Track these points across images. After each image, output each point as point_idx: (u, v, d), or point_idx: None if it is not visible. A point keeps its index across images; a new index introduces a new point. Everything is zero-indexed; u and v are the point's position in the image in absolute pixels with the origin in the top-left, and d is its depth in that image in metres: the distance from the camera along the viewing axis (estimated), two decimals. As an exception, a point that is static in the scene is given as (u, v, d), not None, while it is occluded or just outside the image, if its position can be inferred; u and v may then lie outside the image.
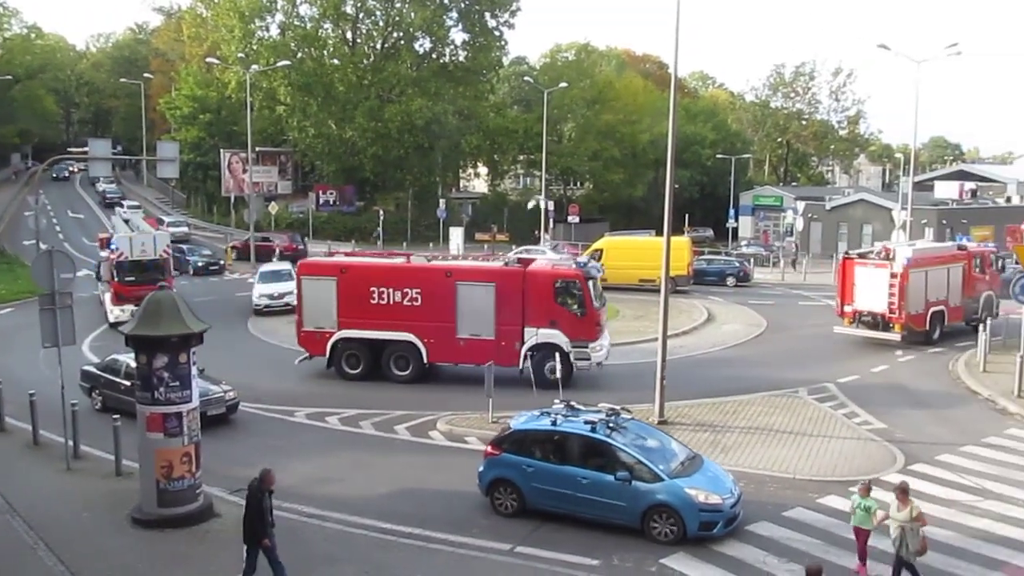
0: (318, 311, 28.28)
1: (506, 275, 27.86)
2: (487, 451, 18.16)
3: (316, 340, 28.60)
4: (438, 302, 27.44)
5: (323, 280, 28.34)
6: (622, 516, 16.54)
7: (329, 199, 79.52)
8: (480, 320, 27.28)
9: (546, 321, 27.11)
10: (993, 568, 15.40)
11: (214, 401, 23.53)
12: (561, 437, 17.50)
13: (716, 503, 16.24)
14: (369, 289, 27.72)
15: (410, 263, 29.20)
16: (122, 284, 37.14)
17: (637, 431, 17.92)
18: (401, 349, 27.98)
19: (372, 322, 27.78)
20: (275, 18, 77.70)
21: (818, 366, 30.63)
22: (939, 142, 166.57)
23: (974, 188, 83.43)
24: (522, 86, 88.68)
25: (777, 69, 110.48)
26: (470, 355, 27.42)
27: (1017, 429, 23.43)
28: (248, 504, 14.07)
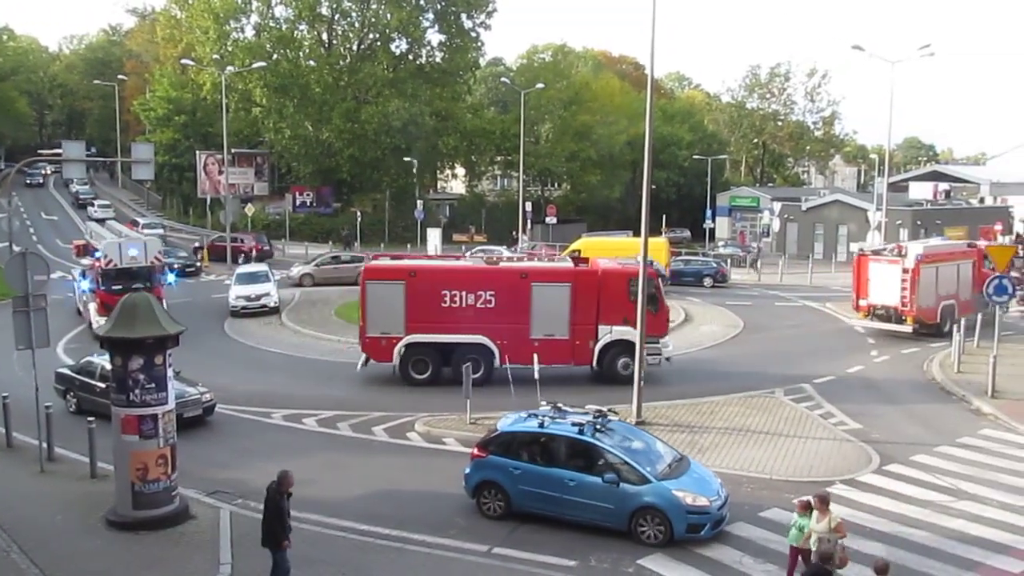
0: (384, 316, 27.66)
1: (581, 275, 28.43)
2: (473, 453, 18.09)
3: (381, 346, 28.06)
4: (512, 303, 27.56)
5: (390, 285, 27.73)
6: (609, 518, 16.52)
7: (306, 200, 79.21)
8: (554, 320, 27.57)
9: (620, 319, 27.42)
10: (968, 568, 15.53)
11: (190, 403, 23.37)
12: (548, 439, 17.46)
13: (703, 505, 16.25)
14: (440, 292, 27.51)
15: (485, 266, 29.55)
16: (108, 293, 34.26)
17: (624, 433, 17.94)
18: (473, 352, 27.46)
19: (443, 326, 27.49)
20: (250, 19, 77.33)
21: (794, 367, 30.80)
22: (913, 143, 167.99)
23: (948, 189, 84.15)
24: (499, 87, 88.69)
25: (753, 70, 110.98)
26: (545, 355, 27.33)
27: (991, 429, 23.65)
28: (267, 507, 13.99)
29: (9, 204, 57.61)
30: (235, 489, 18.91)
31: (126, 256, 35.80)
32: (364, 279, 28.15)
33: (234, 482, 19.40)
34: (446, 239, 66.02)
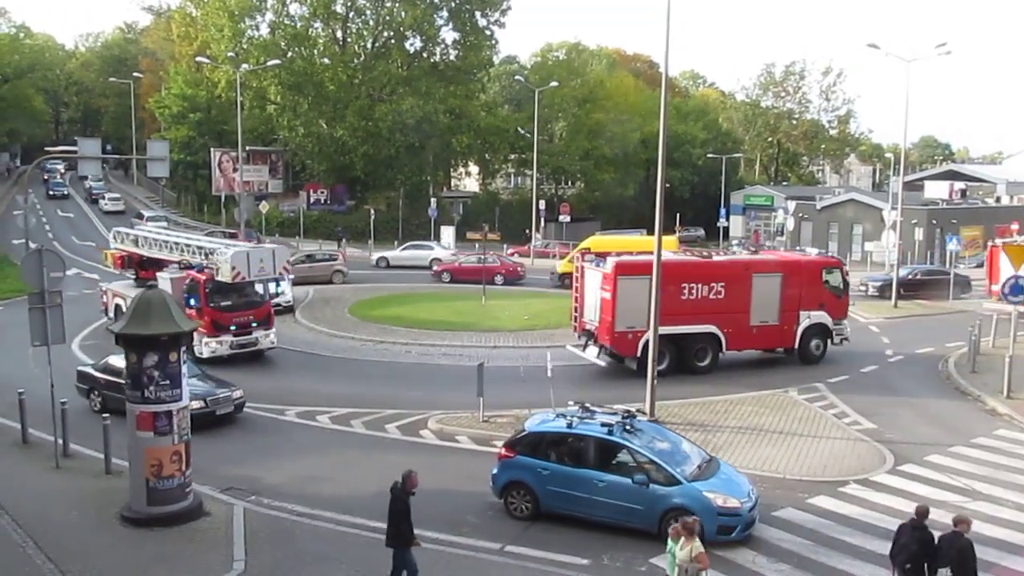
0: (632, 311, 27.89)
1: (789, 265, 31.32)
2: (501, 453, 18.03)
3: (628, 340, 28.51)
4: (737, 294, 29.52)
5: (638, 279, 27.67)
6: (639, 520, 16.42)
7: (320, 198, 79.42)
8: (769, 308, 30.05)
9: (816, 304, 30.65)
10: (983, 569, 15.30)
11: (223, 400, 23.67)
12: (577, 439, 17.37)
13: (734, 507, 16.14)
14: (681, 286, 28.70)
15: (714, 259, 31.42)
16: (219, 311, 30.65)
17: (653, 433, 17.86)
18: (703, 341, 29.31)
19: (680, 317, 28.12)
20: (265, 17, 77.53)
21: (808, 366, 30.68)
22: (929, 142, 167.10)
23: (964, 188, 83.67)
24: (513, 85, 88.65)
25: (767, 68, 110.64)
26: (760, 340, 30.70)
27: (1006, 429, 23.54)
28: (394, 507, 13.97)
29: (26, 201, 57.94)
30: (249, 486, 18.98)
31: (255, 267, 30.46)
32: (616, 275, 28.44)
33: (248, 479, 19.47)
34: (459, 237, 66.17)
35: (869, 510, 17.98)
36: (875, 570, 15.32)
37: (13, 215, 71.77)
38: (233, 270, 29.69)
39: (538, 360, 28.13)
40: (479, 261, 50.81)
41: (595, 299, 29.45)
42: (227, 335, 30.54)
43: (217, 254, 30.47)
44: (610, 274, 28.55)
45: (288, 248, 38.66)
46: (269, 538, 16.07)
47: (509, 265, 52.89)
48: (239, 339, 30.90)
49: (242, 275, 29.94)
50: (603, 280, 28.91)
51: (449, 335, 35.48)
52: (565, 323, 37.82)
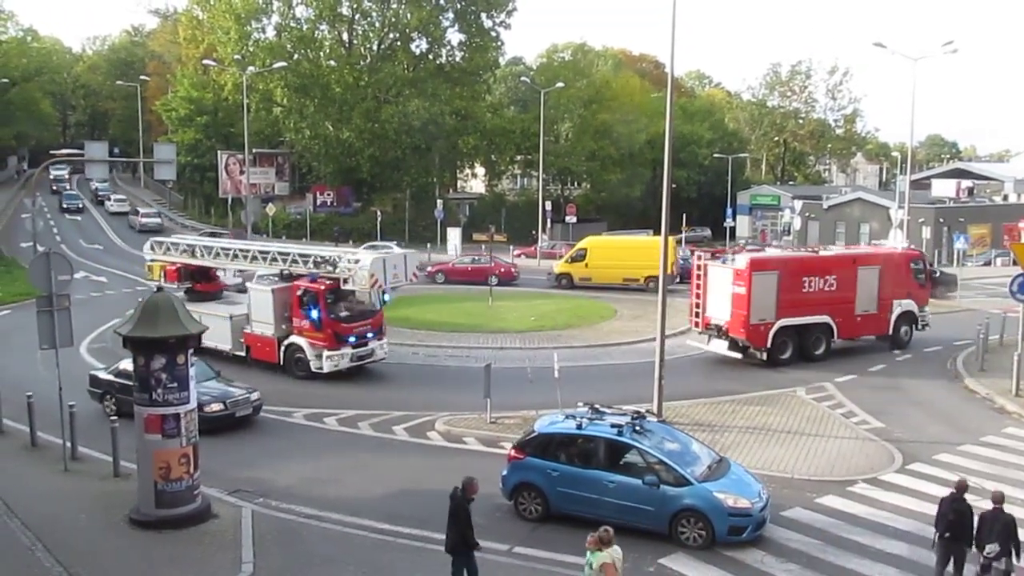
0: (763, 304, 29.90)
1: (886, 257, 33.67)
2: (511, 455, 17.99)
3: (759, 332, 30.14)
4: (846, 286, 31.38)
5: (769, 275, 30.07)
6: (649, 521, 16.38)
7: (327, 200, 79.55)
8: (870, 297, 32.05)
9: (905, 293, 32.95)
10: (991, 567, 15.39)
11: (241, 402, 23.79)
12: (586, 440, 17.34)
13: (745, 507, 16.10)
14: (802, 279, 30.63)
15: (828, 254, 33.20)
16: (339, 321, 28.86)
17: (663, 434, 17.83)
18: (819, 331, 31.26)
19: (801, 309, 30.55)
20: (271, 20, 77.75)
21: (816, 365, 30.60)
22: (936, 140, 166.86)
23: (971, 186, 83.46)
24: (519, 86, 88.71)
25: (774, 68, 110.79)
26: (863, 328, 32.65)
27: (1015, 428, 23.46)
28: (456, 513, 13.95)
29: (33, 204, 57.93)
30: (257, 488, 19.00)
31: (390, 274, 29.00)
32: (750, 271, 29.86)
33: (256, 481, 19.50)
34: (466, 239, 66.19)
35: (878, 509, 17.94)
36: (884, 569, 15.29)
37: (21, 218, 71.97)
38: (371, 277, 28.12)
39: (545, 361, 28.12)
40: (473, 262, 50.71)
41: (724, 295, 30.50)
42: (347, 347, 28.87)
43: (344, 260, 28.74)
44: (744, 270, 29.90)
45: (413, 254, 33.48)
46: (277, 540, 16.08)
47: (503, 265, 52.51)
48: (357, 351, 29.19)
49: (380, 283, 28.53)
50: (735, 276, 30.09)
51: (456, 336, 35.47)
52: (573, 324, 37.98)
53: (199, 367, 24.38)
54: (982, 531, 13.85)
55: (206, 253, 32.50)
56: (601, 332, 37.10)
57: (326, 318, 28.48)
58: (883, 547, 16.11)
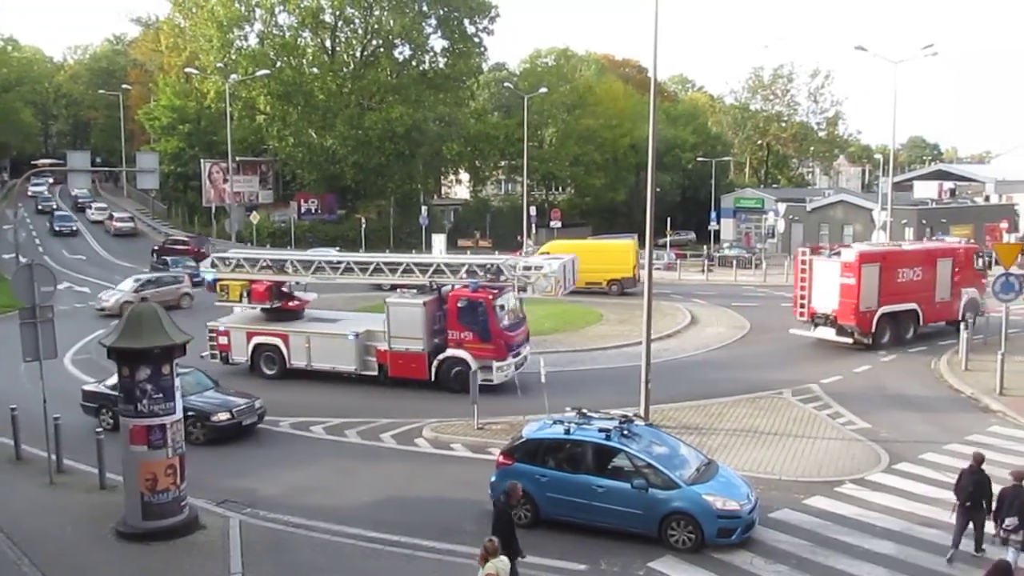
0: (869, 293, 32.94)
1: (957, 251, 36.87)
2: (499, 461, 17.96)
3: (866, 319, 33.03)
4: (929, 276, 34.48)
5: (873, 267, 33.18)
6: (639, 524, 16.41)
7: (311, 208, 79.39)
8: (945, 287, 34.99)
9: (970, 283, 36.14)
10: (977, 566, 15.46)
11: (247, 411, 23.83)
12: (575, 445, 17.34)
13: (734, 509, 16.14)
14: (897, 271, 33.67)
15: (914, 248, 36.74)
16: (506, 331, 28.13)
17: (651, 438, 17.82)
18: (909, 317, 34.16)
19: (897, 297, 33.42)
20: (253, 27, 77.59)
21: (801, 367, 30.78)
22: (917, 142, 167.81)
23: (953, 188, 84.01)
24: (502, 92, 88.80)
25: (756, 72, 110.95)
26: (940, 315, 35.33)
27: (1000, 427, 23.59)
28: (499, 521, 13.90)
29: (15, 216, 57.72)
30: (244, 498, 18.92)
31: (569, 280, 28.67)
32: (859, 263, 32.81)
33: (243, 491, 19.42)
34: (451, 245, 66.15)
35: (866, 509, 18.00)
36: (873, 568, 15.35)
37: (3, 229, 71.58)
38: (557, 284, 27.65)
39: (531, 366, 28.11)
40: None
41: (832, 286, 33.31)
42: (511, 357, 28.14)
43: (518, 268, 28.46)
44: (853, 263, 32.97)
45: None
46: (265, 550, 16.02)
47: None
48: (516, 359, 28.58)
49: (562, 288, 28.05)
50: (844, 269, 33.12)
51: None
52: (559, 328, 38.03)
53: (197, 377, 24.56)
54: (1002, 506, 14.72)
55: (301, 267, 30.34)
56: (587, 336, 37.15)
57: (495, 328, 27.55)
58: (871, 547, 16.18)
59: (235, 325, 31.02)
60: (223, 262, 31.13)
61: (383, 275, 29.50)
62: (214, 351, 30.85)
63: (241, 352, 30.53)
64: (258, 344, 30.27)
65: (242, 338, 30.55)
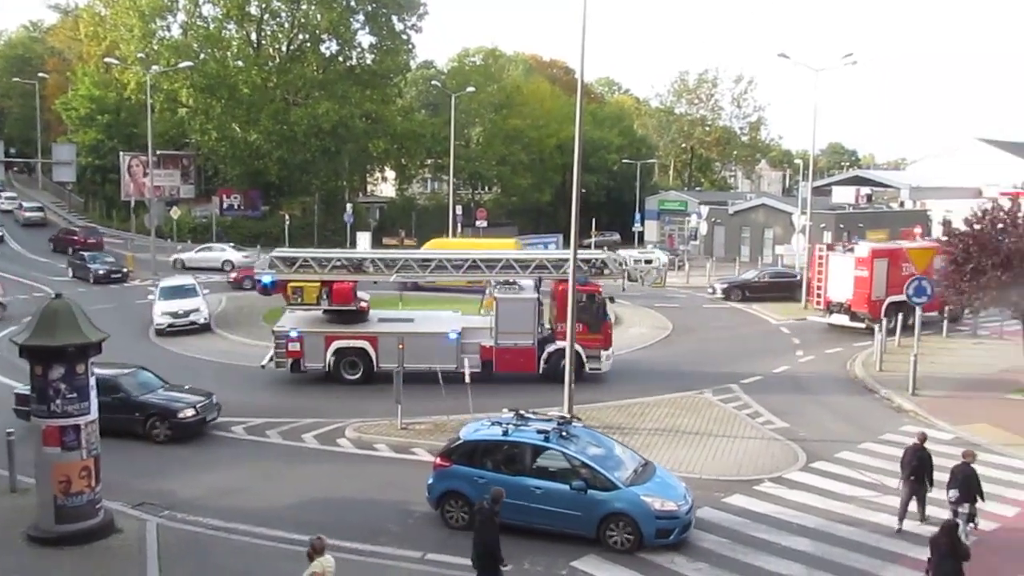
0: (879, 284, 36.66)
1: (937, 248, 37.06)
2: (436, 463, 17.81)
3: (877, 307, 36.33)
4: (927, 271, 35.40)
5: (883, 261, 37.11)
6: (577, 526, 16.45)
7: (233, 203, 77.93)
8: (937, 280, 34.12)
9: None
10: (892, 561, 15.93)
11: (210, 407, 23.89)
12: (513, 447, 17.32)
13: (672, 510, 16.28)
14: (901, 265, 36.92)
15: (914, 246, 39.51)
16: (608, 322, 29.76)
17: (588, 439, 17.88)
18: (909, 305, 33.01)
19: (900, 288, 33.15)
20: (177, 18, 75.84)
21: (723, 367, 31.26)
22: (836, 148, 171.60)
23: (869, 193, 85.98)
24: (430, 90, 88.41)
25: (681, 76, 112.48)
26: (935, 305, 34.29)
27: (912, 426, 24.22)
28: (484, 527, 13.74)
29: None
30: (162, 500, 18.54)
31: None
32: (872, 258, 37.12)
33: (161, 493, 19.03)
34: (376, 243, 65.69)
35: (784, 507, 18.38)
36: (790, 565, 15.67)
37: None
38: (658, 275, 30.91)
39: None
40: None
41: (846, 278, 37.29)
42: None
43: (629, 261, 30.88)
44: (867, 257, 37.26)
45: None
46: (184, 554, 15.72)
47: None
48: None
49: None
50: (858, 263, 37.30)
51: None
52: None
53: (144, 376, 24.31)
54: (951, 481, 16.26)
55: (384, 266, 29.26)
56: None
57: (603, 320, 28.90)
58: (789, 544, 16.52)
59: (310, 330, 29.15)
60: (284, 262, 28.90)
61: (479, 272, 29.20)
62: (281, 359, 28.99)
63: (318, 358, 28.79)
64: (340, 348, 28.91)
65: (319, 343, 28.91)
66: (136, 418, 22.95)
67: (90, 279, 50.58)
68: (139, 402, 23.20)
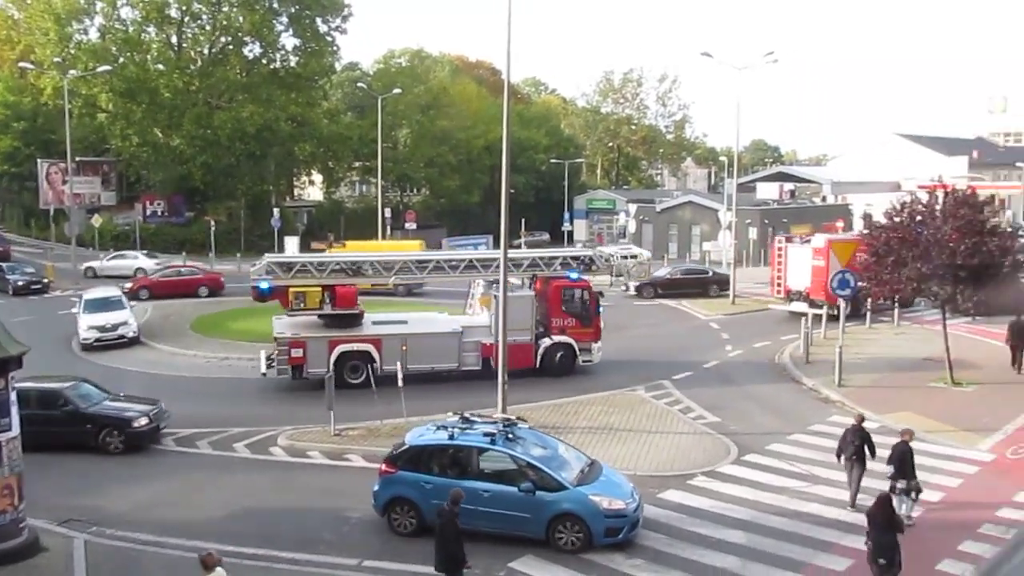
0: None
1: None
2: (382, 469, 17.56)
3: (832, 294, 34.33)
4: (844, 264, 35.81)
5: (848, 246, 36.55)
6: (527, 528, 16.38)
7: (157, 210, 76.53)
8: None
9: None
10: (823, 550, 16.22)
11: (162, 415, 23.73)
12: (459, 451, 17.17)
13: (620, 508, 16.31)
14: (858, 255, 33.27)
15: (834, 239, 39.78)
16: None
17: (535, 441, 17.82)
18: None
19: None
20: (94, 21, 74.09)
21: (654, 364, 31.54)
22: (760, 145, 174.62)
23: (793, 189, 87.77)
24: (356, 92, 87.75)
25: (607, 75, 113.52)
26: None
27: (839, 416, 24.69)
28: (445, 529, 13.55)
29: None
30: (89, 516, 18.05)
31: None
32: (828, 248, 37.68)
33: (88, 509, 18.52)
34: (304, 247, 64.92)
35: (717, 500, 18.61)
36: (724, 558, 15.86)
37: None
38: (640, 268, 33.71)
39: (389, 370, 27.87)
40: (178, 274, 48.87)
41: (804, 268, 37.90)
42: None
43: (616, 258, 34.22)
44: (823, 248, 38.08)
45: None
46: (113, 571, 15.38)
47: (213, 275, 50.52)
48: None
49: None
50: (815, 253, 38.35)
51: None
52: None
53: (86, 388, 23.84)
54: (888, 458, 17.29)
55: (383, 269, 29.15)
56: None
57: (595, 314, 30.27)
58: (723, 537, 16.73)
59: (313, 335, 28.57)
60: (281, 267, 28.37)
61: (475, 272, 29.88)
62: (283, 365, 28.26)
63: (321, 363, 27.80)
64: (344, 352, 28.38)
65: (322, 348, 28.27)
66: (88, 430, 22.48)
67: (9, 290, 49.18)
68: (89, 414, 22.72)
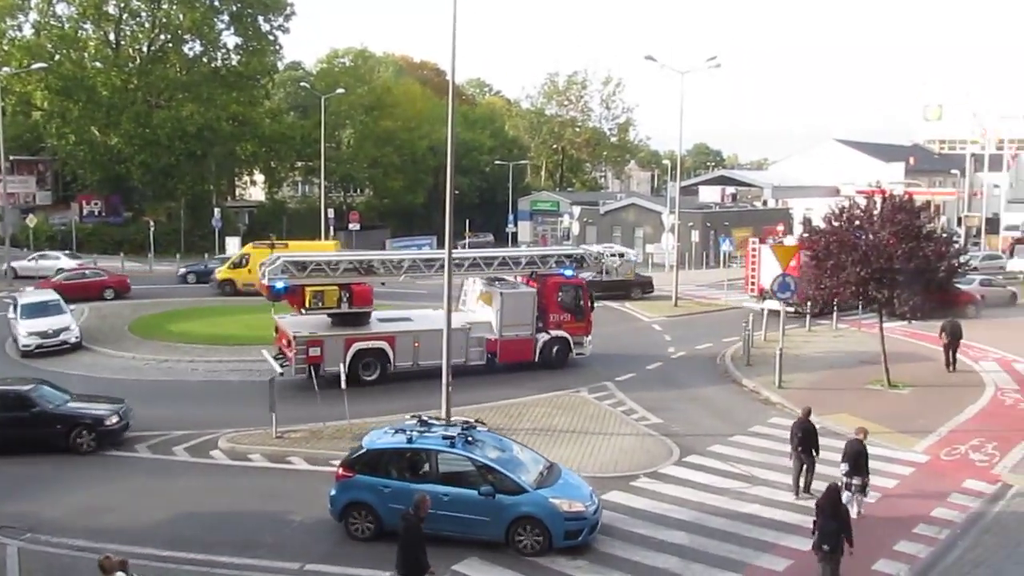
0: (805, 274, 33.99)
1: None
2: (339, 474, 17.30)
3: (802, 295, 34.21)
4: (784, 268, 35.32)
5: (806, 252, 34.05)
6: (486, 531, 16.28)
7: (94, 210, 75.12)
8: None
9: None
10: (764, 550, 16.41)
11: (128, 413, 23.64)
12: (418, 454, 17.01)
13: (580, 511, 16.28)
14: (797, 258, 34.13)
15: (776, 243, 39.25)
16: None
17: (493, 443, 17.71)
18: None
19: None
20: (28, 17, 72.60)
21: (597, 365, 31.65)
22: (702, 149, 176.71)
23: (734, 192, 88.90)
24: (299, 92, 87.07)
25: (551, 78, 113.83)
26: None
27: (779, 417, 25.07)
28: (408, 535, 13.27)
29: None
30: (22, 522, 17.58)
31: None
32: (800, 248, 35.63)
33: (21, 515, 18.04)
34: (245, 247, 64.17)
35: (659, 501, 18.75)
36: (667, 559, 15.98)
37: None
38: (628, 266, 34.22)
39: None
40: (83, 276, 47.58)
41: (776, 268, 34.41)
42: None
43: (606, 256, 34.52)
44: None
45: None
46: (47, 576, 15.03)
47: (120, 278, 49.20)
48: None
49: None
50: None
51: (238, 350, 34.13)
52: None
53: (47, 389, 23.59)
54: (843, 456, 17.68)
55: (392, 267, 29.56)
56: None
57: (588, 309, 31.79)
58: (665, 537, 16.85)
59: (329, 333, 28.63)
60: (296, 267, 28.23)
61: (479, 270, 30.95)
62: (300, 364, 27.88)
63: (336, 361, 27.33)
64: (359, 350, 28.54)
65: (339, 346, 28.23)
66: (58, 431, 22.28)
67: None
68: (60, 414, 22.58)
